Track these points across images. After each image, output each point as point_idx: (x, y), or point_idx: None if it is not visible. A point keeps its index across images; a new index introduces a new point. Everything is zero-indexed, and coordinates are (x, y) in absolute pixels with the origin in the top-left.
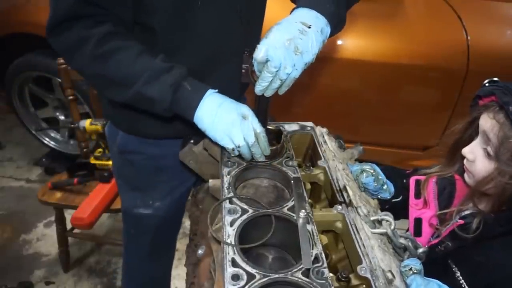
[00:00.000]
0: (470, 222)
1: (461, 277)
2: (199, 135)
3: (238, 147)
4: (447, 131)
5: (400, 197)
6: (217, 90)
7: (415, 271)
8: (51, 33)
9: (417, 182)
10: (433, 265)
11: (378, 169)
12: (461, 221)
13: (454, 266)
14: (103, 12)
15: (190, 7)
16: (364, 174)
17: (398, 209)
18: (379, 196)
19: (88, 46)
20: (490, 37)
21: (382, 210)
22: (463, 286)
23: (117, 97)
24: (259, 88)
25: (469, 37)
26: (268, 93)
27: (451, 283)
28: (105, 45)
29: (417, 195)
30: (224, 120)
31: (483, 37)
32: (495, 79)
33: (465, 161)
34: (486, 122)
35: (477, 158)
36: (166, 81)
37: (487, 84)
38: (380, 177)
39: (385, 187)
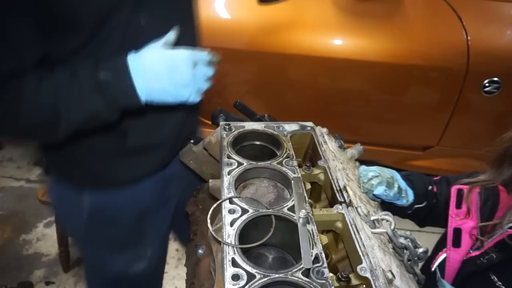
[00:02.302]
0: None
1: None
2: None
3: None
4: (446, 132)
5: (424, 203)
6: (133, 51)
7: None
8: None
9: (459, 192)
10: (471, 278)
11: (397, 176)
12: (511, 231)
13: (497, 279)
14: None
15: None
16: (373, 181)
17: (423, 215)
18: (396, 204)
19: None
20: (490, 37)
21: (403, 214)
22: None
23: (57, 137)
24: None
25: (469, 37)
26: None
27: None
28: (6, 98)
29: (458, 205)
30: (177, 79)
31: (483, 37)
32: (495, 79)
33: None
34: None
35: None
36: (83, 93)
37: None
38: (397, 184)
39: (403, 194)
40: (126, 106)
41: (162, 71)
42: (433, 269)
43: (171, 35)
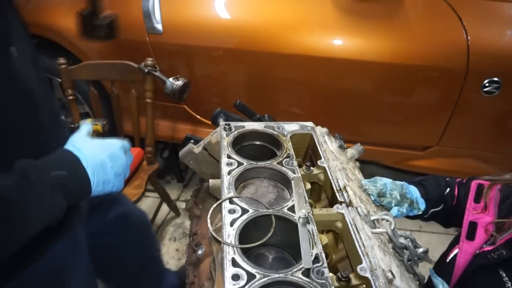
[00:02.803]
0: None
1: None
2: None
3: None
4: (446, 132)
5: (441, 206)
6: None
7: None
8: None
9: (479, 187)
10: (481, 271)
11: (407, 187)
12: None
13: (505, 275)
14: None
15: None
16: (384, 200)
17: (444, 217)
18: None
19: None
20: (490, 37)
21: (420, 218)
22: None
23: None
24: None
25: (469, 37)
26: None
27: None
28: None
29: (477, 199)
30: (117, 168)
31: (483, 37)
32: (495, 79)
33: None
34: None
35: None
36: (44, 196)
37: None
38: (407, 197)
39: (414, 206)
40: (78, 201)
41: (106, 161)
42: (448, 260)
43: (89, 126)
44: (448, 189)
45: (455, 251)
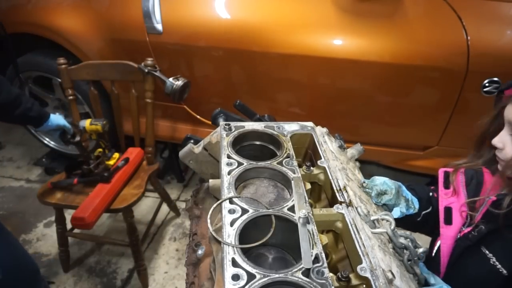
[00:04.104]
0: (503, 198)
1: (497, 262)
2: None
3: None
4: (446, 132)
5: (430, 208)
6: None
7: None
8: None
9: (446, 174)
10: (466, 254)
11: (402, 187)
12: (494, 198)
13: (488, 252)
14: None
15: None
16: (385, 197)
17: (432, 222)
18: (406, 214)
19: None
20: (490, 37)
21: (413, 223)
22: (500, 270)
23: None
24: None
25: (469, 37)
26: None
27: (488, 271)
28: None
29: (446, 186)
30: None
31: (483, 37)
32: (495, 79)
33: (496, 151)
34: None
35: (506, 145)
36: None
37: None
38: (403, 196)
39: (410, 204)
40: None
41: None
42: (433, 253)
43: None
44: (431, 193)
45: (438, 242)
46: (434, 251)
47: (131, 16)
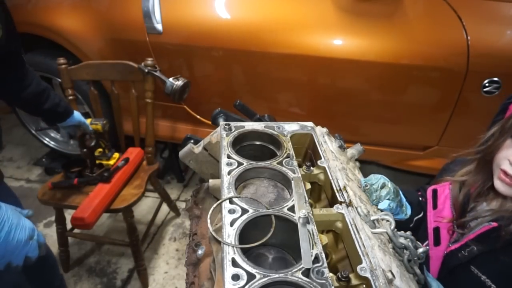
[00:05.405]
0: (506, 224)
1: (491, 283)
2: None
3: None
4: (446, 132)
5: (422, 213)
6: None
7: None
8: None
9: (434, 192)
10: (455, 272)
11: (401, 192)
12: (495, 224)
13: (479, 272)
14: None
15: None
16: (383, 191)
17: (423, 225)
18: (396, 218)
19: None
20: (490, 37)
21: (406, 229)
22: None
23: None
24: None
25: (469, 37)
26: None
27: (476, 287)
28: None
29: (435, 206)
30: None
31: (483, 37)
32: (495, 79)
33: (505, 166)
34: None
35: None
36: None
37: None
38: (399, 198)
39: (403, 209)
40: None
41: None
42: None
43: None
44: (420, 198)
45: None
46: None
47: (131, 16)
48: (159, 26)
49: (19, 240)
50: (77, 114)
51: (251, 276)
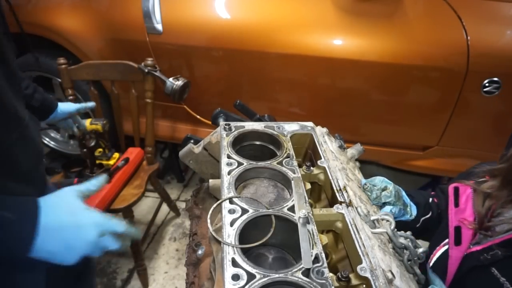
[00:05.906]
0: None
1: (507, 282)
2: None
3: None
4: (446, 132)
5: (430, 213)
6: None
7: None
8: None
9: (456, 190)
10: (472, 272)
11: (402, 192)
12: None
13: (500, 275)
14: None
15: None
16: (383, 193)
17: (431, 226)
18: (400, 219)
19: None
20: (490, 37)
21: (413, 229)
22: None
23: None
24: None
25: (469, 37)
26: None
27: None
28: None
29: (456, 204)
30: (75, 247)
31: (483, 37)
32: (495, 79)
33: None
34: None
35: None
36: None
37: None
38: (402, 199)
39: (407, 209)
40: (8, 252)
41: (67, 235)
42: (431, 265)
43: (90, 186)
44: (430, 199)
45: (437, 254)
46: (433, 260)
47: (131, 16)
48: (159, 26)
49: (87, 241)
50: (64, 107)
51: (251, 276)
